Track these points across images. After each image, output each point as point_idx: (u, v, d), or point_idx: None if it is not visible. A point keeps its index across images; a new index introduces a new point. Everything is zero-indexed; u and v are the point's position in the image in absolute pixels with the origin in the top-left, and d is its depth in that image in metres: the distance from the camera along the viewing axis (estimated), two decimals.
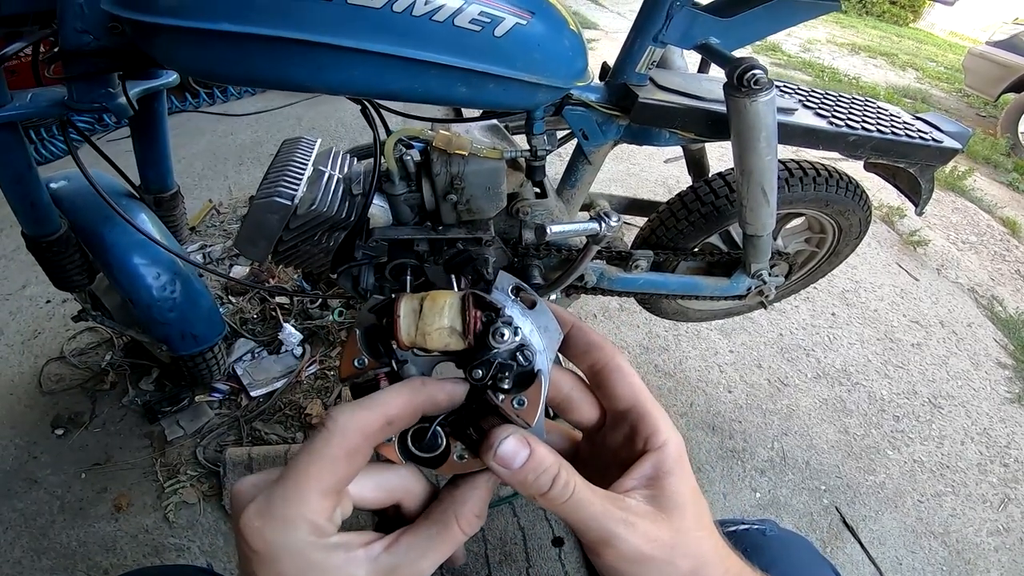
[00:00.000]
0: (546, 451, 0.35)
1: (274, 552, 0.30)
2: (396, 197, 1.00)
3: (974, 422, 1.96)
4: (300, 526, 0.31)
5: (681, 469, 0.38)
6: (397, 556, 0.33)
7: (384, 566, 0.33)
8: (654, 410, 0.40)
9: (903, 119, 1.29)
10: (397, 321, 0.36)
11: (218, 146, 2.96)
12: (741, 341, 2.09)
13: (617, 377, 0.41)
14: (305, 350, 1.76)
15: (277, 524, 0.31)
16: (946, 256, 2.84)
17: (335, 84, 0.79)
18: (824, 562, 0.66)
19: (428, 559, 0.34)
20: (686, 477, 0.38)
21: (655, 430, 0.39)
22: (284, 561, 0.31)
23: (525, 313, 0.39)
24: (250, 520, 0.31)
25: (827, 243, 1.47)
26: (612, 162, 3.19)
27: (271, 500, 0.31)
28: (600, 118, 1.07)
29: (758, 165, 1.00)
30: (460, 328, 0.36)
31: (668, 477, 0.37)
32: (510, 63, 0.82)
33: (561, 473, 0.34)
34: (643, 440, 0.39)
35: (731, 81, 0.94)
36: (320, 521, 0.31)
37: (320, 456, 0.32)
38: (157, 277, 1.20)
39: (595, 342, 0.42)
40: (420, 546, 0.34)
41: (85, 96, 0.96)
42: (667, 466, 0.37)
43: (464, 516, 0.35)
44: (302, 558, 0.31)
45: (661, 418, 0.39)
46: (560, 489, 0.34)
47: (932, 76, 6.94)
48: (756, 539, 0.64)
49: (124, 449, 1.49)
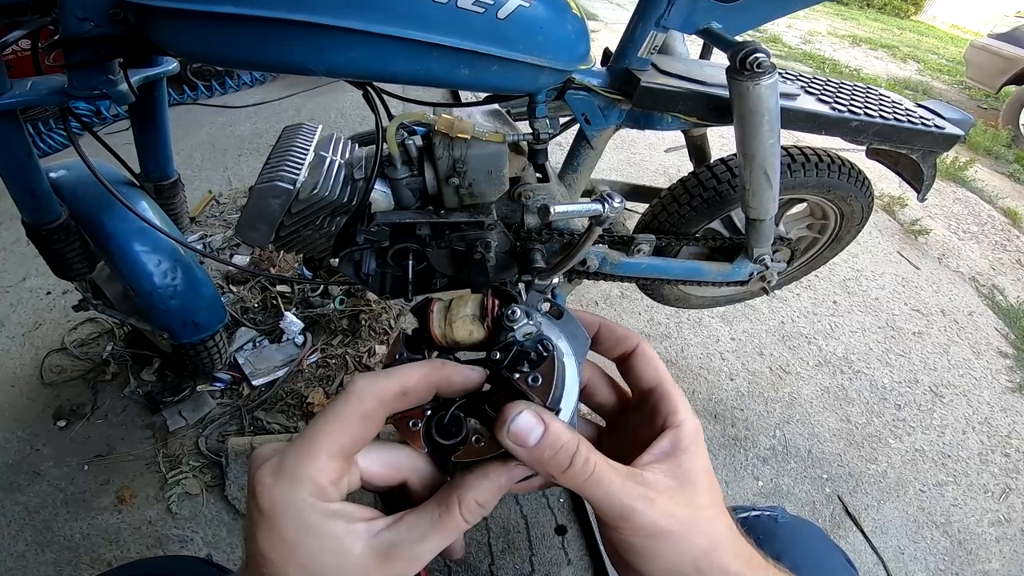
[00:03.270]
0: (562, 427, 0.35)
1: (277, 511, 0.31)
2: (398, 181, 0.99)
3: (975, 411, 1.96)
4: (304, 485, 0.31)
5: (697, 448, 0.39)
6: (398, 534, 0.33)
7: (383, 543, 0.33)
8: (674, 392, 0.42)
9: (905, 106, 1.29)
10: (430, 315, 0.41)
11: (217, 137, 2.95)
12: (743, 329, 2.09)
13: (642, 361, 0.44)
14: (307, 339, 1.76)
15: (285, 481, 0.31)
16: (947, 245, 2.84)
17: (336, 66, 0.79)
18: (836, 549, 0.66)
19: (428, 542, 0.33)
20: (701, 457, 0.39)
21: (674, 410, 0.41)
22: (284, 522, 0.31)
23: (553, 322, 0.42)
24: (262, 478, 0.31)
25: (829, 229, 1.47)
26: (613, 151, 3.19)
27: (284, 458, 0.32)
28: (602, 103, 1.06)
29: (760, 149, 1.00)
30: (479, 314, 0.40)
31: (684, 454, 0.38)
32: (513, 45, 0.81)
33: (580, 449, 0.34)
34: (663, 419, 0.40)
35: (733, 64, 0.94)
36: (324, 483, 0.31)
37: (336, 416, 0.33)
38: (158, 264, 1.20)
39: (622, 335, 0.45)
40: (421, 527, 0.34)
41: (85, 83, 0.96)
42: (684, 443, 0.39)
43: (466, 502, 0.35)
44: (301, 520, 0.31)
45: (680, 400, 0.42)
46: (581, 466, 0.34)
47: (933, 68, 6.93)
48: (768, 526, 0.65)
49: (126, 440, 1.50)
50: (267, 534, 0.31)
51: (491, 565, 1.33)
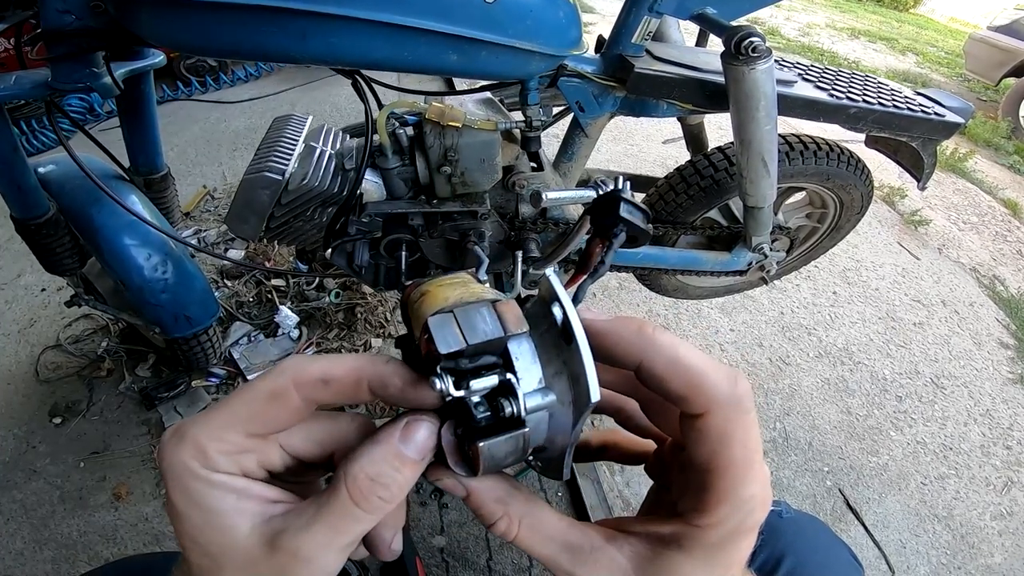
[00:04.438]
0: (484, 497, 0.31)
1: (165, 474, 0.28)
2: (389, 171, 0.98)
3: (977, 403, 1.95)
4: (187, 448, 0.28)
5: (708, 559, 0.29)
6: (286, 521, 0.28)
7: (272, 529, 0.28)
8: (722, 487, 0.28)
9: (904, 94, 1.27)
10: (408, 294, 0.33)
11: (212, 133, 2.93)
12: (742, 320, 2.07)
13: (696, 436, 0.29)
14: (302, 332, 1.75)
15: (174, 441, 0.29)
16: (947, 236, 2.82)
17: (321, 53, 0.77)
18: (841, 544, 0.66)
19: (312, 533, 0.28)
20: (708, 571, 0.30)
21: (706, 509, 0.29)
22: (170, 486, 0.28)
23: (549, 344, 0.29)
24: (163, 438, 0.29)
25: (828, 218, 1.45)
26: (610, 143, 3.17)
27: (185, 422, 0.29)
28: (596, 90, 1.05)
29: (757, 135, 0.98)
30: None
31: (679, 555, 0.30)
32: (502, 29, 0.80)
33: (499, 524, 0.31)
34: (693, 504, 0.30)
35: (729, 49, 0.93)
36: (210, 450, 0.28)
37: (247, 389, 0.30)
38: (148, 258, 1.19)
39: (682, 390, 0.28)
40: (307, 514, 0.28)
41: (69, 76, 0.94)
42: (688, 544, 0.29)
43: (352, 476, 0.28)
44: (182, 486, 0.28)
45: (726, 500, 0.28)
46: (500, 533, 0.31)
47: (932, 61, 6.89)
48: (772, 521, 0.63)
49: (122, 437, 1.49)
50: (167, 496, 0.29)
51: (489, 560, 1.32)
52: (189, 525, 0.28)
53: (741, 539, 0.29)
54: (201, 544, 0.28)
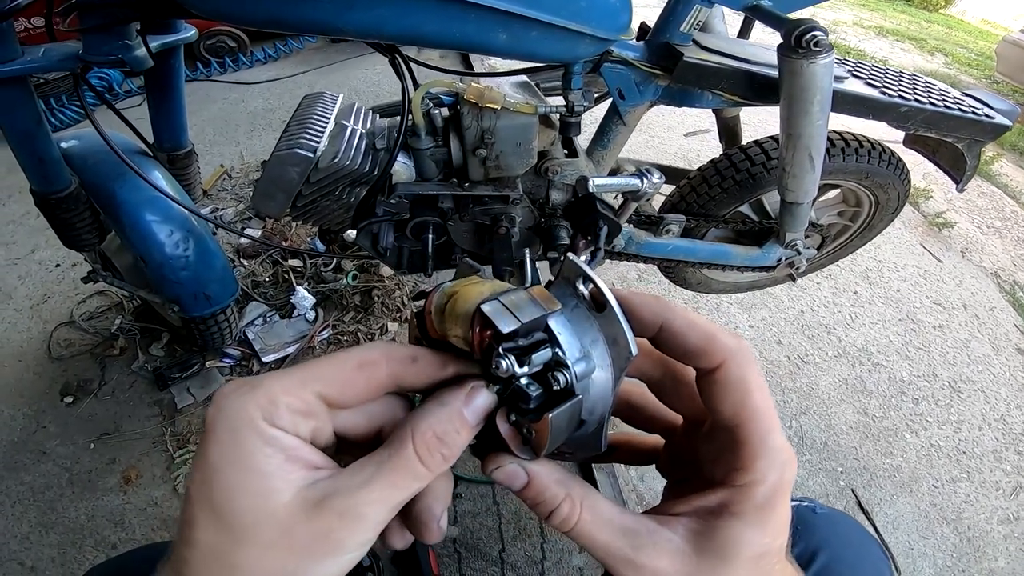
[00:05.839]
0: (547, 480, 0.31)
1: (214, 425, 0.26)
2: (421, 152, 0.96)
3: (992, 408, 1.92)
4: (257, 396, 0.27)
5: (760, 519, 0.30)
6: (336, 482, 0.27)
7: (317, 492, 0.26)
8: (758, 440, 0.30)
9: (953, 94, 1.24)
10: (428, 317, 0.33)
11: (230, 113, 2.92)
12: (761, 316, 2.05)
13: (722, 389, 0.31)
14: (318, 314, 1.73)
15: (241, 391, 0.27)
16: (970, 239, 2.78)
17: (365, 25, 0.74)
18: (873, 541, 0.65)
19: (371, 490, 0.27)
20: (761, 532, 0.30)
21: (748, 464, 0.30)
22: (214, 439, 0.26)
23: (589, 317, 0.31)
24: (224, 389, 0.27)
25: (862, 217, 1.42)
26: (631, 134, 3.12)
27: (253, 377, 0.28)
28: (639, 77, 1.01)
29: (808, 129, 0.95)
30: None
31: (732, 521, 0.30)
32: (556, 10, 0.77)
33: (562, 507, 0.31)
34: (730, 468, 0.31)
35: (788, 42, 0.90)
36: (279, 401, 0.27)
37: (332, 356, 0.30)
38: (170, 234, 1.17)
39: (698, 345, 0.31)
40: (366, 472, 0.27)
41: (101, 48, 0.92)
42: (738, 508, 0.30)
43: (421, 432, 0.28)
44: (232, 438, 0.26)
45: (764, 451, 0.30)
46: (562, 519, 0.31)
47: (962, 62, 6.76)
48: (806, 516, 0.63)
49: (133, 418, 1.47)
50: (201, 453, 0.26)
51: (502, 551, 1.31)
52: (218, 489, 0.26)
53: (782, 498, 0.30)
54: (226, 513, 0.25)
